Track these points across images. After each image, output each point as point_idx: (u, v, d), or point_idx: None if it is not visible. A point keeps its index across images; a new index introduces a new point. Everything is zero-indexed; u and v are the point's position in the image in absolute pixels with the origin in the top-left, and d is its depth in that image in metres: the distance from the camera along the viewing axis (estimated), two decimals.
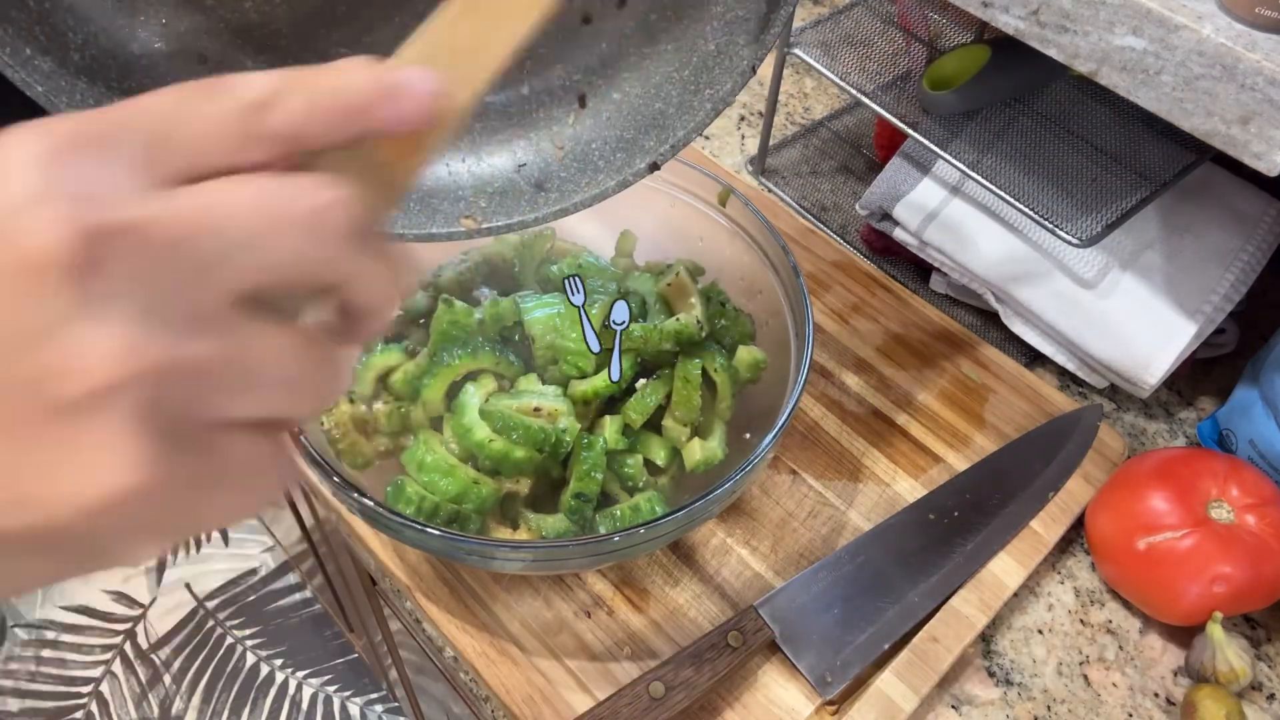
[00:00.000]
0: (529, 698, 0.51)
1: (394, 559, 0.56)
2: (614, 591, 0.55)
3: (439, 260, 0.61)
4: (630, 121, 0.40)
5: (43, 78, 0.34)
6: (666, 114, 0.39)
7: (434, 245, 0.61)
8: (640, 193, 0.61)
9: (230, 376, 0.19)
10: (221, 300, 0.19)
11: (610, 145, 0.40)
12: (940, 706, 0.53)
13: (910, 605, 0.53)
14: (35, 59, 0.34)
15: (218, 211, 0.19)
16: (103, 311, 0.17)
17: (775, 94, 0.74)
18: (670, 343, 0.55)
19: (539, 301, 0.55)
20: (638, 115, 0.40)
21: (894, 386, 0.66)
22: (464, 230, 0.41)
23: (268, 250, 0.19)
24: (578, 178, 0.41)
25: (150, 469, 0.18)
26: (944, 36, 0.71)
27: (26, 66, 0.34)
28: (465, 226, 0.41)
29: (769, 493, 0.60)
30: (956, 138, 0.65)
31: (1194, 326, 0.60)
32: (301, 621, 1.59)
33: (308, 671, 1.53)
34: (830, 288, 0.71)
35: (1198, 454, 0.57)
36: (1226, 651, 0.52)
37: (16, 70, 0.33)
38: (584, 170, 0.40)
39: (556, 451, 0.51)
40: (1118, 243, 0.63)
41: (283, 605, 1.60)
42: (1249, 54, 0.40)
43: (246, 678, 1.52)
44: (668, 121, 0.39)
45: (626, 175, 0.40)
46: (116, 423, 0.17)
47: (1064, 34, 0.45)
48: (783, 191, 0.79)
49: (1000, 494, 0.58)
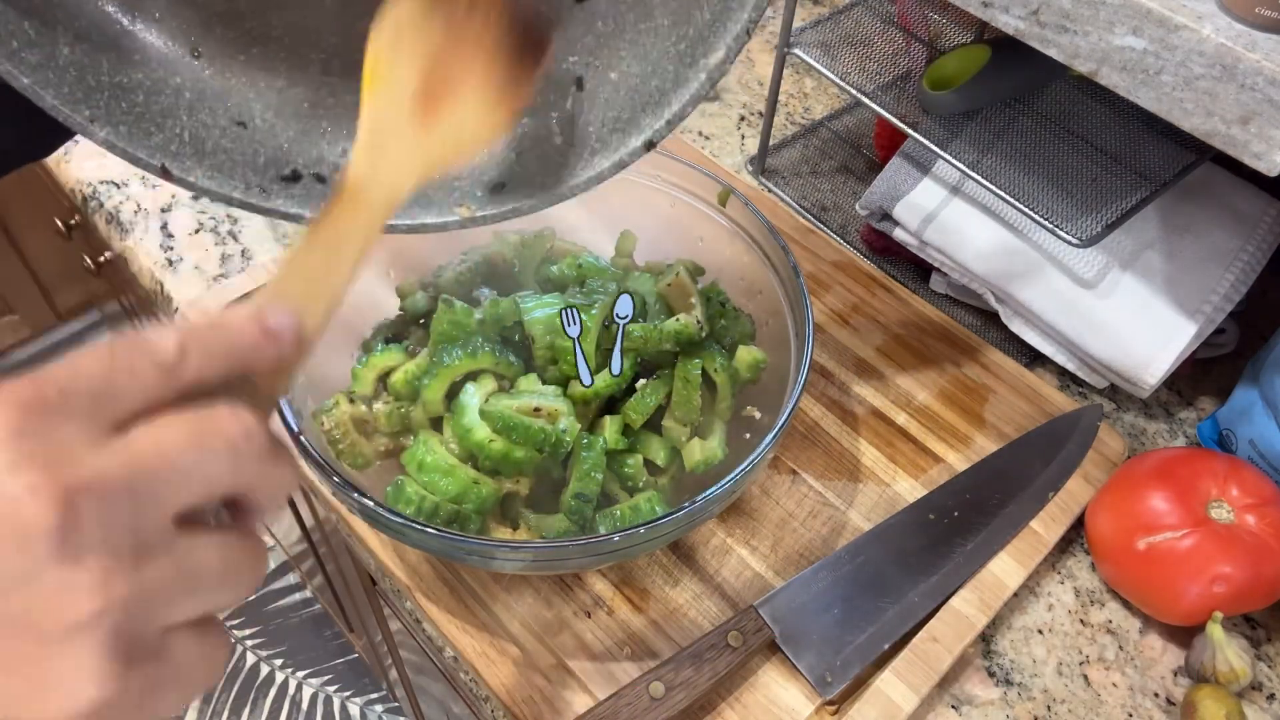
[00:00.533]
0: (529, 698, 0.51)
1: (394, 559, 0.56)
2: (614, 591, 0.55)
3: (439, 261, 0.62)
4: (628, 101, 0.39)
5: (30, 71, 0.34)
6: (663, 90, 0.38)
7: (434, 245, 0.61)
8: (640, 193, 0.62)
9: (178, 588, 0.23)
10: (166, 523, 0.23)
11: (607, 127, 0.39)
12: (940, 706, 0.53)
13: (910, 605, 0.53)
14: (23, 52, 0.34)
15: (161, 450, 0.23)
16: (76, 553, 0.21)
17: (775, 94, 0.74)
18: (670, 343, 0.55)
19: (539, 301, 0.55)
20: (635, 94, 0.39)
21: (894, 386, 0.66)
22: (458, 219, 0.40)
23: (202, 473, 0.24)
24: (574, 162, 0.40)
25: (117, 683, 0.22)
26: (944, 36, 0.71)
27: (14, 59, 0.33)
28: (460, 215, 0.40)
29: (769, 493, 0.60)
30: (956, 138, 0.65)
31: (1194, 326, 0.60)
32: (301, 621, 1.59)
33: (308, 671, 1.53)
34: (830, 288, 0.71)
35: (1198, 454, 0.57)
36: (1226, 651, 0.52)
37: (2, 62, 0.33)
38: (580, 154, 0.40)
39: (556, 451, 0.51)
40: (1118, 243, 0.63)
41: (283, 605, 1.60)
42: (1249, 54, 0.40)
43: (246, 678, 1.52)
44: (664, 98, 0.38)
45: (622, 155, 0.39)
46: (92, 645, 0.21)
47: (1064, 34, 0.45)
48: (783, 191, 0.79)
49: (1000, 494, 0.58)
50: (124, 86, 0.37)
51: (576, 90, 0.40)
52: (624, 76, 0.39)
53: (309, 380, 0.53)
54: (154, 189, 0.79)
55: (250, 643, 1.55)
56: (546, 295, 0.57)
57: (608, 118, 0.39)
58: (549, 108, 0.40)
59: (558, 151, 0.40)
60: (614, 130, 0.39)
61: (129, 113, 0.36)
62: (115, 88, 0.36)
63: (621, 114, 0.39)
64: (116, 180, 0.80)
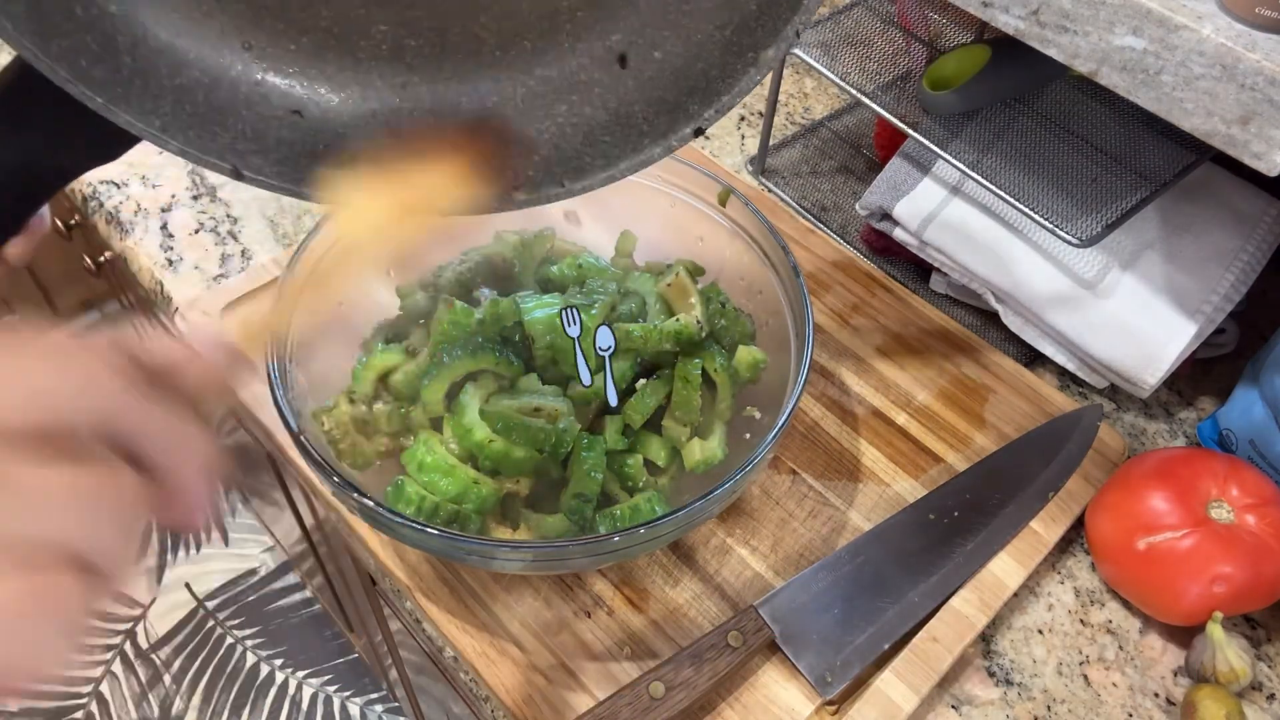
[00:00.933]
0: (529, 698, 0.51)
1: (394, 559, 0.56)
2: (614, 591, 0.55)
3: (439, 261, 0.62)
4: (672, 83, 0.40)
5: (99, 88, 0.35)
6: (709, 75, 0.39)
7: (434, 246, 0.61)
8: (640, 193, 0.62)
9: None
10: None
11: (653, 108, 0.40)
12: (940, 706, 0.53)
13: (910, 605, 0.53)
14: (91, 70, 0.34)
15: None
16: None
17: (775, 94, 0.74)
18: (670, 343, 0.55)
19: (539, 301, 0.55)
20: (680, 76, 0.39)
21: (894, 386, 0.66)
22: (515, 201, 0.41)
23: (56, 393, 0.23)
24: (622, 143, 0.40)
25: None
26: (944, 36, 0.71)
27: (84, 79, 0.34)
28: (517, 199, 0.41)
29: (769, 493, 0.60)
30: (956, 138, 0.65)
31: (1194, 326, 0.60)
32: (301, 621, 1.59)
33: (308, 671, 1.53)
34: (830, 288, 0.71)
35: (1198, 454, 0.57)
36: (1226, 651, 0.52)
37: (75, 85, 0.34)
38: (628, 135, 0.40)
39: (556, 451, 0.51)
40: (1118, 243, 0.63)
41: (283, 605, 1.60)
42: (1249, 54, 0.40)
43: (246, 678, 1.52)
44: (710, 85, 0.39)
45: (671, 141, 0.39)
46: None
47: (1064, 34, 0.45)
48: (783, 191, 0.79)
49: (1000, 494, 0.58)
50: (184, 88, 0.37)
51: (620, 68, 0.40)
52: (668, 57, 0.40)
53: (309, 380, 0.53)
54: (154, 189, 0.79)
55: (250, 643, 1.55)
56: (546, 295, 0.57)
57: (653, 98, 0.40)
58: (593, 85, 0.41)
59: (604, 130, 0.41)
60: (660, 112, 0.40)
61: (194, 115, 0.37)
62: (177, 91, 0.37)
63: (667, 95, 0.40)
64: (116, 180, 0.80)
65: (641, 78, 0.40)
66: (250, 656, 1.54)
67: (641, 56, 0.40)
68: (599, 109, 0.41)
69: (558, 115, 0.41)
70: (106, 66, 0.35)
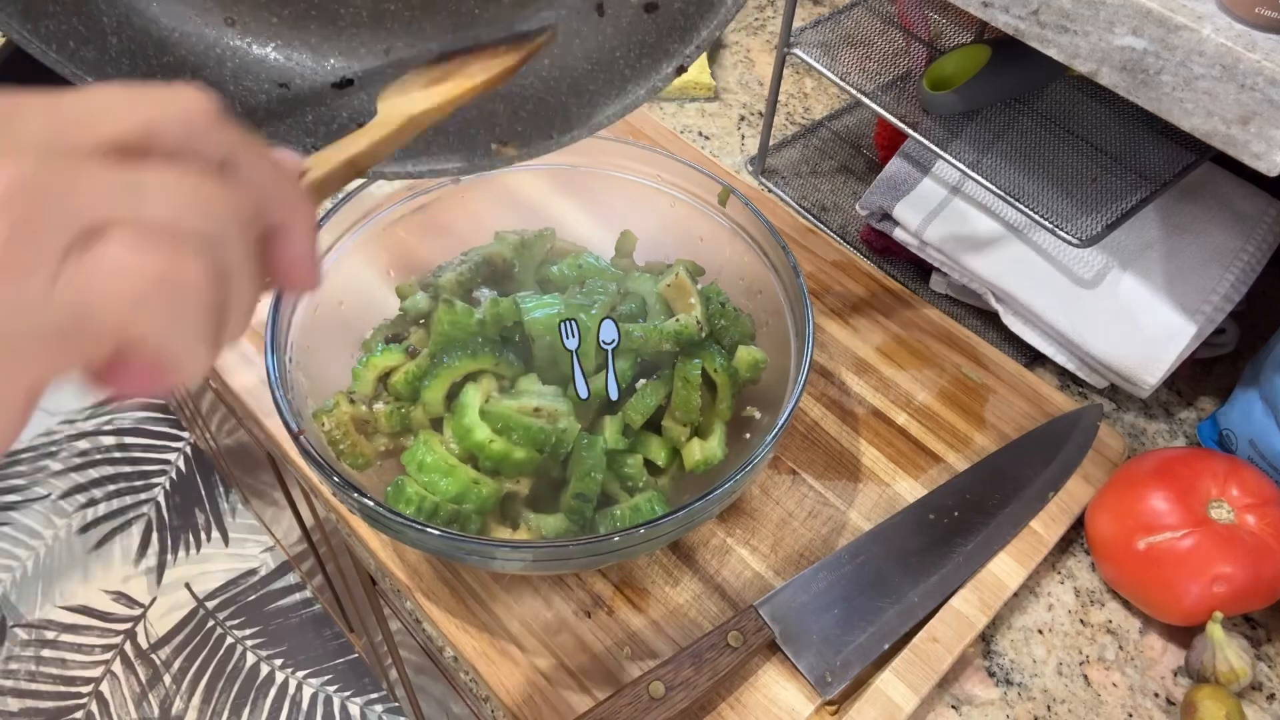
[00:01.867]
0: (529, 698, 0.51)
1: (394, 559, 0.56)
2: (614, 591, 0.55)
3: (439, 261, 0.62)
4: (652, 24, 0.40)
5: (90, 68, 0.35)
6: (688, 13, 0.39)
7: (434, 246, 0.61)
8: (640, 192, 0.62)
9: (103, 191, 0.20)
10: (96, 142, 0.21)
11: (635, 51, 0.40)
12: (940, 706, 0.53)
13: (910, 605, 0.53)
14: (80, 50, 0.35)
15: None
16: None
17: (775, 94, 0.74)
18: (670, 343, 0.55)
19: (539, 301, 0.55)
20: (659, 17, 0.40)
21: (894, 386, 0.66)
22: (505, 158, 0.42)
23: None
24: (607, 89, 0.41)
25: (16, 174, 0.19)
26: (944, 36, 0.71)
27: (75, 60, 0.35)
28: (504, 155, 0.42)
29: (769, 493, 0.60)
30: (956, 138, 0.65)
31: (1194, 326, 0.60)
32: (301, 621, 1.59)
33: (308, 671, 1.53)
34: (830, 288, 0.71)
35: (1198, 454, 0.57)
36: (1226, 651, 0.52)
37: (66, 65, 0.34)
38: (612, 80, 0.41)
39: (556, 451, 0.51)
40: (1118, 243, 0.63)
41: (283, 605, 1.60)
42: (1249, 54, 0.40)
43: (246, 678, 1.52)
44: (689, 21, 0.39)
45: (655, 81, 0.40)
46: None
47: (1064, 34, 0.45)
48: (783, 191, 0.79)
49: (1000, 494, 0.58)
50: (172, 67, 0.38)
51: (598, 16, 0.41)
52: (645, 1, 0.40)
53: (309, 380, 0.53)
54: None
55: (250, 643, 1.55)
56: (546, 295, 0.57)
57: (633, 41, 0.40)
58: (574, 35, 0.41)
59: (589, 79, 0.41)
60: (642, 55, 0.40)
61: None
62: (165, 69, 0.38)
63: (647, 38, 0.40)
64: None
65: (620, 24, 0.41)
66: (250, 656, 1.54)
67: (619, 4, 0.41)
68: (581, 59, 0.41)
69: (541, 70, 0.42)
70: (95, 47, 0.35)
